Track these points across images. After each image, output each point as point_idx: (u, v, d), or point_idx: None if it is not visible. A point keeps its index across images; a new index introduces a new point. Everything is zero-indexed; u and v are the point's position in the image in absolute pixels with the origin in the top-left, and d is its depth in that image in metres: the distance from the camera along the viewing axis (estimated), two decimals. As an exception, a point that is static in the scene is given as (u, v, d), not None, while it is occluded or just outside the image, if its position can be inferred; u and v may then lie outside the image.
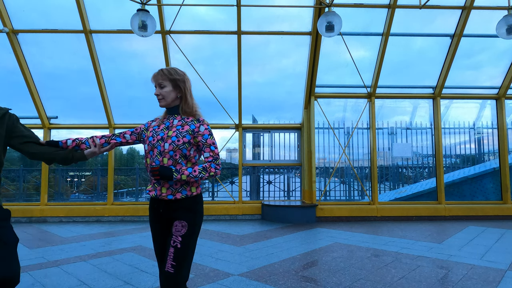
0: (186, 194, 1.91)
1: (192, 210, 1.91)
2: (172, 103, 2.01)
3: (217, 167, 1.92)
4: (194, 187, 1.95)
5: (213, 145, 1.93)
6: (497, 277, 3.44)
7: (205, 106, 7.71)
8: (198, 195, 1.97)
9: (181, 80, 1.98)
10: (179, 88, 1.98)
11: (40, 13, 6.72)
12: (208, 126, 1.96)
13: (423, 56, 7.49)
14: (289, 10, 6.74)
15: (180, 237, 1.84)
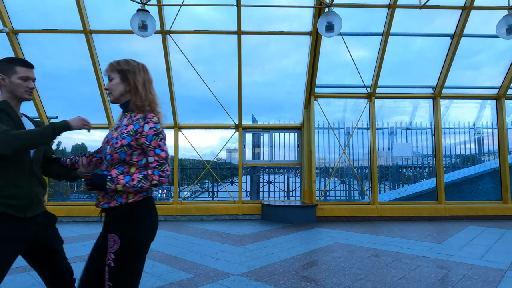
0: (121, 201, 1.62)
1: (126, 220, 1.61)
2: (121, 98, 1.76)
3: (161, 174, 1.59)
4: (131, 193, 1.63)
5: (159, 147, 1.62)
6: (497, 277, 3.44)
7: (205, 106, 7.76)
8: (137, 202, 1.64)
9: (131, 71, 1.75)
10: (128, 81, 1.74)
11: (40, 13, 6.72)
12: (155, 125, 1.64)
13: (423, 56, 7.50)
14: (289, 10, 6.74)
15: (113, 254, 1.56)
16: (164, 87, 7.05)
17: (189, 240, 5.30)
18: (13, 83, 1.82)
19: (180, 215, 7.23)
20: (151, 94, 1.76)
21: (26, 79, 1.87)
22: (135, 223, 1.62)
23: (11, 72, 1.81)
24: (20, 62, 1.85)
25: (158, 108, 1.76)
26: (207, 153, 8.41)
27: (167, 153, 1.65)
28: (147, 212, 1.68)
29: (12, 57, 1.89)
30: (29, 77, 1.89)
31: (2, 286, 3.29)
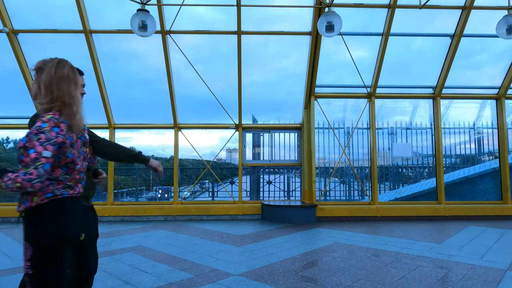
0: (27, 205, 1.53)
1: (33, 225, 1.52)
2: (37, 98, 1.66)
3: (24, 178, 1.41)
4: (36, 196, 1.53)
5: (33, 147, 1.46)
6: (497, 277, 3.44)
7: (205, 106, 7.76)
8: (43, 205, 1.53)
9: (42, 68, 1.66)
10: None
11: (40, 13, 6.72)
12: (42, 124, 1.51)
13: (423, 56, 7.50)
14: (289, 10, 6.74)
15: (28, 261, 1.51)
16: (164, 87, 7.05)
17: (189, 240, 5.30)
18: None
19: (180, 215, 7.23)
20: (61, 92, 1.62)
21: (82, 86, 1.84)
22: (42, 226, 1.53)
23: None
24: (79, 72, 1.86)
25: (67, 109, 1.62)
26: (207, 153, 8.42)
27: (39, 154, 1.45)
28: (55, 213, 1.56)
29: None
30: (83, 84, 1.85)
31: (2, 286, 3.30)
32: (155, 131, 8.29)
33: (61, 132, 1.55)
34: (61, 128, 1.56)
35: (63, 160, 1.58)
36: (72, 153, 1.63)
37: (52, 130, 1.51)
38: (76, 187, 1.68)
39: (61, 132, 1.55)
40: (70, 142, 1.62)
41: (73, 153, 1.63)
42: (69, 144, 1.60)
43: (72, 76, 1.70)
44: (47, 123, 1.51)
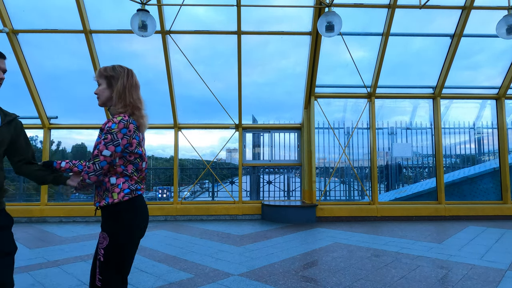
0: (108, 201, 1.74)
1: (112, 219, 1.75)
2: (107, 103, 1.85)
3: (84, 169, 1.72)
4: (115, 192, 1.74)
5: (99, 144, 1.70)
6: (497, 277, 3.44)
7: (205, 106, 7.76)
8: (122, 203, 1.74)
9: (115, 77, 1.81)
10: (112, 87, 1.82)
11: (40, 13, 6.72)
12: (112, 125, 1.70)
13: (422, 56, 7.50)
14: (287, 11, 6.74)
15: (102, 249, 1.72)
16: (164, 87, 7.05)
17: (189, 240, 5.30)
18: None
19: (180, 215, 7.23)
20: (132, 99, 1.82)
21: None
22: (120, 222, 1.73)
23: None
24: None
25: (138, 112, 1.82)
26: (207, 153, 8.42)
27: (100, 152, 1.68)
28: (131, 211, 1.77)
29: None
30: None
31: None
32: (155, 131, 8.29)
33: (128, 133, 1.73)
34: (130, 129, 1.74)
35: (132, 155, 1.78)
36: (141, 150, 1.83)
37: (120, 132, 1.70)
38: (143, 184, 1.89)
39: (128, 133, 1.73)
40: (138, 141, 1.81)
41: (141, 150, 1.83)
42: (137, 142, 1.79)
43: (138, 84, 1.92)
44: (117, 125, 1.70)
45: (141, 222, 1.81)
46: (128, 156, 1.77)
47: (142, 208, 1.82)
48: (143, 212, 1.83)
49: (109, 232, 1.72)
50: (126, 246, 1.75)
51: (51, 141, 7.75)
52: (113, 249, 1.71)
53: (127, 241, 1.74)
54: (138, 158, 1.81)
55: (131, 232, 1.76)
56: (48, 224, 6.88)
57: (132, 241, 1.76)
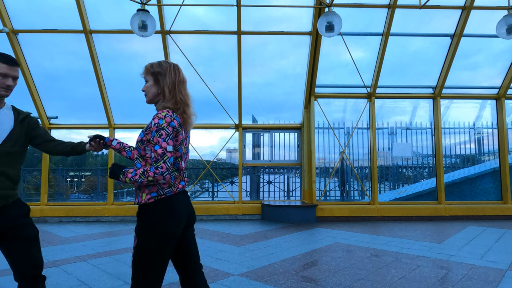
0: (139, 201, 1.74)
1: (141, 220, 1.72)
2: (155, 99, 1.83)
3: (156, 172, 1.61)
4: (144, 193, 1.71)
5: (158, 143, 1.63)
6: (497, 277, 3.44)
7: (205, 106, 7.75)
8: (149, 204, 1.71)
9: (162, 73, 1.80)
10: (159, 83, 1.81)
11: (40, 13, 6.72)
12: (159, 120, 1.66)
13: (420, 56, 7.50)
14: (287, 11, 6.74)
15: (133, 249, 1.72)
16: (164, 87, 7.04)
17: (189, 240, 5.30)
18: None
19: (180, 215, 7.22)
20: (181, 95, 1.79)
21: (5, 76, 1.88)
22: (145, 223, 1.70)
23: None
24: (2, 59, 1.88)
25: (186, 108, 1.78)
26: (207, 153, 8.42)
27: (164, 149, 1.63)
28: (157, 213, 1.70)
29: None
30: (7, 74, 1.89)
31: (1, 286, 3.29)
32: (155, 131, 8.29)
33: (175, 128, 1.70)
34: (175, 124, 1.70)
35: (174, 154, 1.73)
36: (182, 148, 1.77)
37: (169, 126, 1.67)
38: (181, 183, 1.81)
39: (175, 128, 1.70)
40: (182, 139, 1.76)
41: (182, 148, 1.78)
42: (180, 140, 1.75)
43: (185, 79, 1.88)
44: (164, 120, 1.67)
45: (170, 225, 1.70)
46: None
47: (172, 210, 1.72)
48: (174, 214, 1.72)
49: (137, 232, 1.72)
50: (155, 247, 1.67)
51: (51, 141, 7.73)
52: (140, 249, 1.69)
53: (152, 243, 1.67)
54: (179, 157, 1.75)
55: (156, 234, 1.67)
56: (48, 224, 6.88)
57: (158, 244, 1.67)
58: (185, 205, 1.82)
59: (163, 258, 1.71)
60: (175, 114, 1.73)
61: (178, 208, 1.75)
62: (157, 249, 1.68)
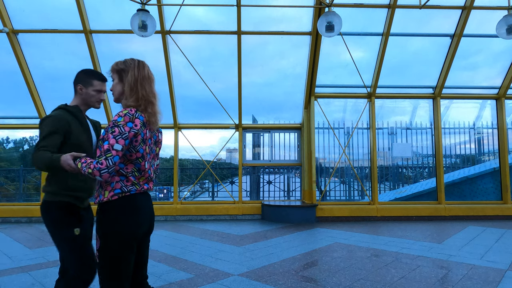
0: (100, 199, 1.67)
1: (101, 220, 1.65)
2: (120, 97, 1.78)
3: (95, 166, 1.53)
4: (107, 191, 1.65)
5: (107, 139, 1.57)
6: (497, 277, 3.44)
7: (205, 106, 7.76)
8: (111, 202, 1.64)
9: (125, 70, 1.75)
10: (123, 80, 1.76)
11: (40, 13, 6.72)
12: (118, 118, 1.60)
13: (420, 57, 7.50)
14: (286, 12, 6.74)
15: (97, 251, 1.66)
16: (164, 87, 7.05)
17: (189, 240, 5.31)
18: (88, 94, 2.11)
19: (180, 215, 7.24)
20: (144, 91, 1.72)
21: (99, 92, 2.13)
22: (107, 222, 1.64)
23: (88, 84, 2.10)
24: (96, 76, 2.12)
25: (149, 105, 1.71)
26: (207, 153, 8.42)
27: (111, 146, 1.56)
28: (123, 211, 1.64)
29: (91, 70, 2.15)
30: (102, 90, 2.15)
31: (1, 286, 3.30)
32: (155, 131, 8.29)
33: (134, 127, 1.62)
34: (135, 123, 1.63)
35: (134, 154, 1.66)
36: (143, 148, 1.69)
37: (126, 125, 1.60)
38: (146, 185, 1.76)
39: (134, 127, 1.62)
40: (142, 138, 1.68)
41: (144, 148, 1.69)
42: (141, 139, 1.67)
43: (152, 76, 1.82)
44: (122, 118, 1.61)
45: (133, 224, 1.65)
46: (129, 154, 1.65)
47: (136, 209, 1.67)
48: (138, 213, 1.67)
49: (100, 233, 1.63)
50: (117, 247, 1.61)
51: (51, 141, 7.73)
52: (103, 251, 1.62)
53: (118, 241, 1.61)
54: (140, 158, 1.68)
55: (119, 233, 1.61)
56: (48, 224, 6.87)
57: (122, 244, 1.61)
58: (149, 207, 1.77)
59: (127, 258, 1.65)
60: (138, 112, 1.66)
61: (142, 207, 1.70)
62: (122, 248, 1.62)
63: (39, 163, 1.81)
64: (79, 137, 2.01)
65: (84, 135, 2.05)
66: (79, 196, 2.00)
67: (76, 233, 1.92)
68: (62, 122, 1.94)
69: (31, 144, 10.41)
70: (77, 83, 2.10)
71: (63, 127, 1.93)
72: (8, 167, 10.23)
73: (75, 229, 1.93)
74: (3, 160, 10.70)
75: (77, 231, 1.93)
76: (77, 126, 2.02)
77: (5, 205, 7.36)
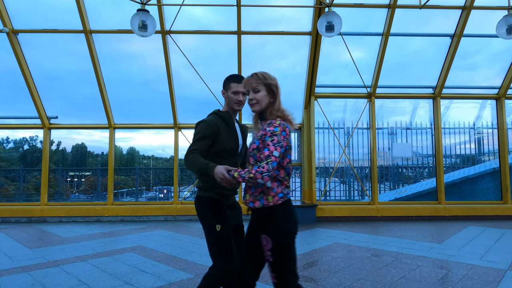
0: (263, 203, 1.83)
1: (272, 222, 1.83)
2: (264, 108, 1.95)
3: (257, 170, 1.71)
4: (270, 196, 1.82)
5: (267, 146, 1.76)
6: (497, 277, 3.44)
7: (205, 106, 7.76)
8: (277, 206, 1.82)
9: (273, 84, 1.98)
10: (272, 93, 1.95)
11: (40, 13, 6.72)
12: (274, 128, 1.79)
13: (420, 57, 7.50)
14: (286, 12, 6.75)
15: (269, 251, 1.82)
16: (164, 87, 7.05)
17: (189, 240, 5.31)
18: (229, 97, 2.22)
19: (180, 215, 7.23)
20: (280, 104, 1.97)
21: (236, 93, 2.19)
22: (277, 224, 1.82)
23: (227, 88, 2.22)
24: (233, 79, 2.22)
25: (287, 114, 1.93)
26: (207, 153, 8.40)
27: (271, 153, 1.74)
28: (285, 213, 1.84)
29: (231, 74, 2.26)
30: (238, 91, 2.19)
31: (1, 286, 3.30)
32: (155, 131, 8.30)
33: (286, 136, 1.82)
34: (287, 132, 1.82)
35: (285, 160, 1.86)
36: (291, 154, 1.91)
37: (281, 134, 1.79)
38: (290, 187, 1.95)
39: (286, 136, 1.82)
40: (290, 145, 1.88)
41: (291, 154, 1.90)
42: (290, 147, 1.88)
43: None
44: (278, 128, 1.80)
45: (295, 223, 1.87)
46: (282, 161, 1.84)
47: (293, 211, 1.90)
48: (295, 215, 1.90)
49: (270, 235, 1.80)
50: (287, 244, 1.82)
51: (51, 141, 7.75)
52: (277, 250, 1.79)
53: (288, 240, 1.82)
54: (289, 162, 1.88)
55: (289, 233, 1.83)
56: (48, 224, 6.89)
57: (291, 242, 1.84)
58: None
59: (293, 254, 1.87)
60: (285, 123, 1.86)
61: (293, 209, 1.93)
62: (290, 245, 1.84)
63: (191, 166, 2.00)
64: (226, 142, 2.16)
65: (231, 139, 2.19)
66: (225, 194, 2.16)
67: (218, 229, 2.11)
68: (212, 127, 2.10)
69: (31, 144, 10.41)
70: (222, 89, 2.26)
71: (213, 132, 2.10)
72: (8, 167, 10.24)
73: (217, 225, 2.11)
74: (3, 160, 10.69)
75: (218, 227, 2.11)
76: (225, 130, 2.17)
77: (5, 205, 7.36)
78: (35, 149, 9.68)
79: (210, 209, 2.15)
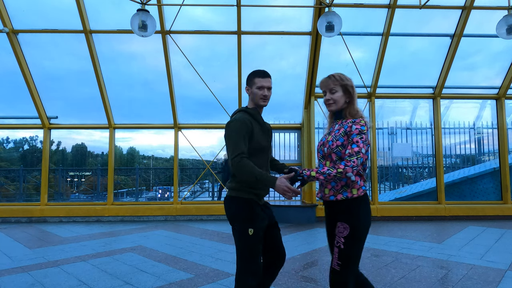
0: (347, 195, 1.93)
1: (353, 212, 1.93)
2: (340, 108, 2.04)
3: (347, 164, 1.83)
4: (354, 188, 1.93)
5: (356, 143, 1.87)
6: (497, 277, 3.44)
7: (205, 106, 7.76)
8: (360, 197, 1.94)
9: (349, 85, 2.04)
10: (348, 93, 2.03)
11: (40, 13, 6.72)
12: (361, 127, 1.91)
13: (420, 57, 7.50)
14: (286, 13, 6.74)
15: (343, 238, 1.92)
16: (164, 87, 7.05)
17: (189, 240, 5.31)
18: (253, 93, 2.15)
19: (180, 215, 7.24)
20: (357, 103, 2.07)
21: (261, 88, 2.13)
22: (360, 214, 1.93)
23: (252, 83, 2.15)
24: (257, 74, 2.16)
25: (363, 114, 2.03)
26: (207, 153, 8.42)
27: (360, 149, 1.86)
28: (366, 205, 1.97)
29: (255, 70, 2.19)
30: (263, 86, 2.13)
31: (1, 286, 3.30)
32: (155, 131, 8.30)
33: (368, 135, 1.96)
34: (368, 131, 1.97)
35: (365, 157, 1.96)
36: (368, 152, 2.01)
37: (366, 133, 1.93)
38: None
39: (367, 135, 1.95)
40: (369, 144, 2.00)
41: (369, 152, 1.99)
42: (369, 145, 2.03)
43: None
44: (365, 127, 1.92)
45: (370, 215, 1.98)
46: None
47: (369, 203, 2.02)
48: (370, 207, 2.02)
49: (350, 223, 1.89)
50: (362, 235, 1.92)
51: (51, 141, 7.75)
52: (352, 239, 1.89)
53: (363, 231, 1.92)
54: (367, 159, 1.98)
55: (366, 223, 1.94)
56: (48, 224, 6.89)
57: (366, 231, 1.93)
58: None
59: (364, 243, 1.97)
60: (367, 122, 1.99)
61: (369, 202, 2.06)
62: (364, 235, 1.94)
63: (245, 174, 1.93)
64: (260, 139, 2.10)
65: (264, 136, 2.15)
66: (258, 193, 2.11)
67: (250, 233, 2.03)
68: (247, 125, 2.03)
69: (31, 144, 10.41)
70: (246, 86, 2.19)
71: (248, 129, 2.03)
72: (8, 167, 10.24)
73: (250, 229, 2.03)
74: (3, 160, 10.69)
75: (251, 231, 2.03)
76: (258, 127, 2.11)
77: (5, 205, 7.36)
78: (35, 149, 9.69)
79: (244, 211, 2.08)
